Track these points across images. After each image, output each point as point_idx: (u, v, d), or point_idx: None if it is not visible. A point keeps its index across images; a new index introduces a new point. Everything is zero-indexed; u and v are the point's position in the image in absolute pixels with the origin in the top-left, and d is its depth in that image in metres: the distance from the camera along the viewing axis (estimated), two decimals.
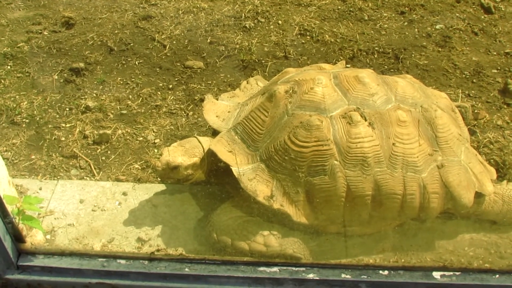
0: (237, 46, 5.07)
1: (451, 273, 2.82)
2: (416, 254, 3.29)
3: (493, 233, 3.43)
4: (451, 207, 3.21)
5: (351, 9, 5.56)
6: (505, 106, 4.39)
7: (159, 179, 3.77)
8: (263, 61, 4.90)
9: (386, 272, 2.83)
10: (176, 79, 4.75)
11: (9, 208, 2.80)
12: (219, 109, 3.57)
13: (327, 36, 5.16)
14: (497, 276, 2.81)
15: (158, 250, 3.04)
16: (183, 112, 4.40)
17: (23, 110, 4.42)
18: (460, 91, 4.53)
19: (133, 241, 3.37)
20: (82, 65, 4.83)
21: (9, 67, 4.91)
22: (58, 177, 3.84)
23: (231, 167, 3.12)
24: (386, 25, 5.35)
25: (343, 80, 3.23)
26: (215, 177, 3.57)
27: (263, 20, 5.42)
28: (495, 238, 3.40)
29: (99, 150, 4.07)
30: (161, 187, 3.74)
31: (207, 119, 3.51)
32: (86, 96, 4.56)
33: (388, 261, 3.22)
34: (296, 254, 3.16)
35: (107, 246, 3.34)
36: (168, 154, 3.28)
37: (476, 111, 4.27)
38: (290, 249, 3.17)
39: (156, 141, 4.14)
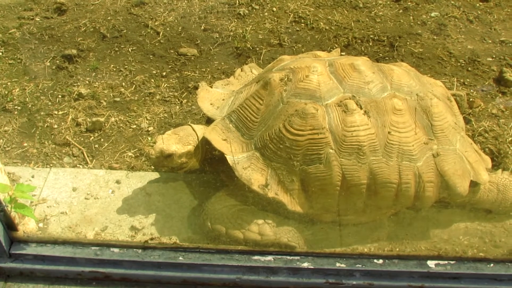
0: (231, 33, 5.03)
1: (446, 262, 2.83)
2: (411, 243, 3.29)
3: (488, 222, 3.43)
4: (446, 196, 3.21)
5: None
6: (500, 95, 4.38)
7: (152, 167, 3.74)
8: (257, 49, 4.86)
9: (380, 261, 2.83)
10: (170, 66, 4.71)
11: (1, 196, 2.78)
12: (214, 97, 3.54)
13: (321, 23, 5.13)
14: (492, 265, 2.82)
15: (151, 239, 3.03)
16: (177, 100, 4.37)
17: (15, 97, 4.37)
18: (455, 79, 4.52)
19: (126, 230, 3.35)
20: (74, 51, 4.78)
21: (0, 53, 4.86)
22: (51, 165, 3.81)
23: (225, 155, 3.10)
24: (381, 13, 5.31)
25: (339, 68, 3.20)
26: (209, 166, 3.55)
27: (257, 7, 5.37)
28: (490, 227, 3.40)
29: (92, 137, 4.04)
30: (155, 175, 3.72)
31: (201, 107, 3.48)
32: (78, 83, 4.52)
33: (383, 250, 3.22)
34: (291, 243, 3.15)
35: (100, 235, 3.32)
36: (162, 142, 3.26)
37: (471, 99, 4.25)
38: (284, 237, 3.15)
39: (149, 129, 4.11)
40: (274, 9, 5.34)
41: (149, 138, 4.02)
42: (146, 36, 5.02)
